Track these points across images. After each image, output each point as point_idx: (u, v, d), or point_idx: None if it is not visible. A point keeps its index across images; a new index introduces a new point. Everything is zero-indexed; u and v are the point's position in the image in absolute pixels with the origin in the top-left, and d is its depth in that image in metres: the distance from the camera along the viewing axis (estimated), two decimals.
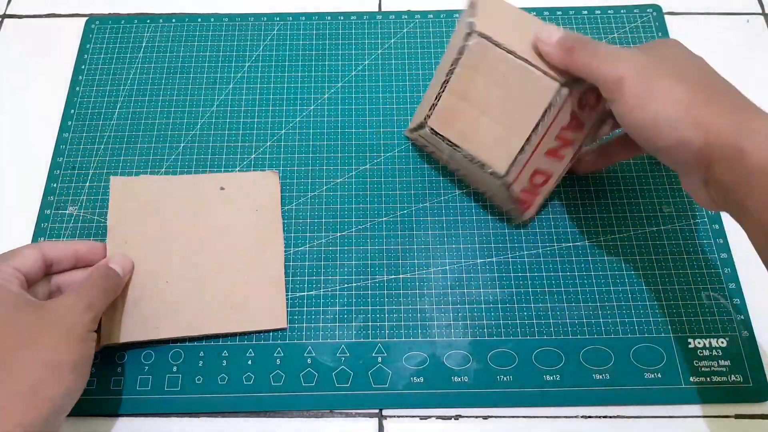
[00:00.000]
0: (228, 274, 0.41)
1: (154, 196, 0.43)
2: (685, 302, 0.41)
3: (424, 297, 0.42)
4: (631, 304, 0.41)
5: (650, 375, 0.39)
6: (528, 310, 0.41)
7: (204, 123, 0.48)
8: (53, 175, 0.46)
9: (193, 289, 0.40)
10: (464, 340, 0.40)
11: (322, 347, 0.40)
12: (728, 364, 0.39)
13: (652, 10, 0.53)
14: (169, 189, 0.43)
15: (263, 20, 0.53)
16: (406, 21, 0.53)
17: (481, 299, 0.41)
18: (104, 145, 0.47)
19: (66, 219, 0.45)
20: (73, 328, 0.34)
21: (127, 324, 0.39)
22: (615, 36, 0.51)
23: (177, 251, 0.41)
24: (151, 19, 0.53)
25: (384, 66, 0.50)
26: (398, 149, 0.47)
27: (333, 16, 0.53)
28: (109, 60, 0.51)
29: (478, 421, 0.38)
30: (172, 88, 0.50)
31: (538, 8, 0.53)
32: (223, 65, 0.51)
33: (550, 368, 0.39)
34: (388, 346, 0.40)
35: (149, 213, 0.42)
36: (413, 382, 0.39)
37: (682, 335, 0.40)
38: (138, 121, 0.48)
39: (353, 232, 0.44)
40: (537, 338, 0.40)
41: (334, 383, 0.39)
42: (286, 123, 0.48)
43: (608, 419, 0.38)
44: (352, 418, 0.38)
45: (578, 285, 0.42)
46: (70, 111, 0.49)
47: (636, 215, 0.44)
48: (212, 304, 0.40)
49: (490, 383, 0.39)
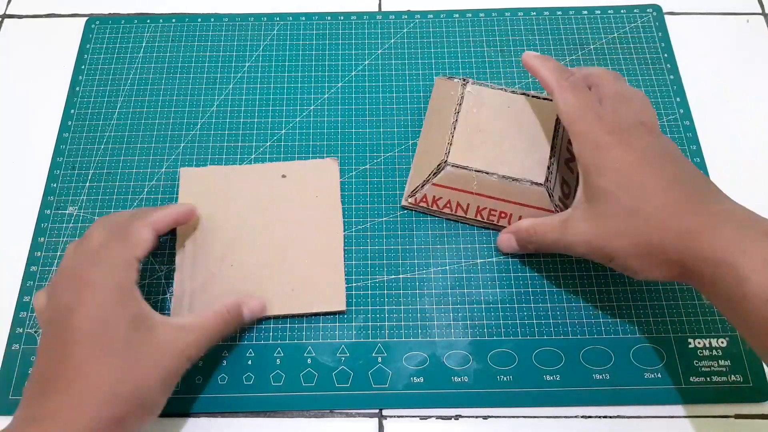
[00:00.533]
0: (290, 258, 0.42)
1: (219, 185, 0.45)
2: (685, 302, 0.41)
3: (424, 297, 0.42)
4: (631, 304, 0.41)
5: (650, 375, 0.39)
6: (528, 310, 0.41)
7: (204, 123, 0.48)
8: (53, 175, 0.46)
9: (257, 273, 0.41)
10: (464, 340, 0.40)
11: (322, 347, 0.40)
12: (728, 364, 0.39)
13: (652, 10, 0.53)
14: (233, 178, 0.45)
15: (263, 20, 0.53)
16: (406, 21, 0.53)
17: (481, 299, 0.41)
18: (104, 145, 0.47)
19: (66, 219, 0.45)
20: (177, 371, 0.34)
21: (195, 306, 0.40)
22: (615, 36, 0.51)
23: (241, 237, 0.42)
24: (151, 19, 0.53)
25: (384, 66, 0.50)
26: (398, 149, 0.47)
27: (333, 16, 0.53)
28: (109, 60, 0.51)
29: (478, 421, 0.38)
30: (172, 88, 0.50)
31: (538, 8, 0.53)
32: (223, 65, 0.51)
33: (550, 368, 0.39)
34: (388, 346, 0.40)
35: (215, 201, 0.44)
36: (413, 382, 0.39)
37: (682, 335, 0.40)
38: (138, 121, 0.48)
39: (353, 232, 0.44)
40: (537, 338, 0.40)
41: (334, 383, 0.39)
42: (286, 123, 0.48)
43: (608, 419, 0.38)
44: (352, 418, 0.38)
45: (578, 285, 0.42)
46: (70, 111, 0.49)
47: None
48: (275, 288, 0.41)
49: (490, 383, 0.39)
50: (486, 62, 0.50)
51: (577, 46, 0.51)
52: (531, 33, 0.52)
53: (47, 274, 0.43)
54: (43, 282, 0.42)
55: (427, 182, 0.42)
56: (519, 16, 0.53)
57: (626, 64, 0.50)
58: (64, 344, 0.31)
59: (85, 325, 0.32)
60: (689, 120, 0.48)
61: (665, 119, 0.48)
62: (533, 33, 0.52)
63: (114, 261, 0.34)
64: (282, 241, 0.42)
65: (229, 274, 0.41)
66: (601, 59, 0.50)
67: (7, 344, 0.40)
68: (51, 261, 0.43)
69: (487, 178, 0.41)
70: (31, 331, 0.41)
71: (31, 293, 0.42)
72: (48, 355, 0.32)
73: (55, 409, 0.30)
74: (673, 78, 0.49)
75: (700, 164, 0.46)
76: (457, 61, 0.50)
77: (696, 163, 0.46)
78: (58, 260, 0.43)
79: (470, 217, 0.43)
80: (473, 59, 0.50)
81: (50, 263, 0.43)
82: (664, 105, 0.48)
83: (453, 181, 0.41)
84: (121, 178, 0.46)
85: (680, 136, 0.47)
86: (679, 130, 0.47)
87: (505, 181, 0.41)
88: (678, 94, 0.49)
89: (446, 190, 0.42)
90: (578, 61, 0.50)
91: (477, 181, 0.41)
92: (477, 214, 0.42)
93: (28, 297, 0.42)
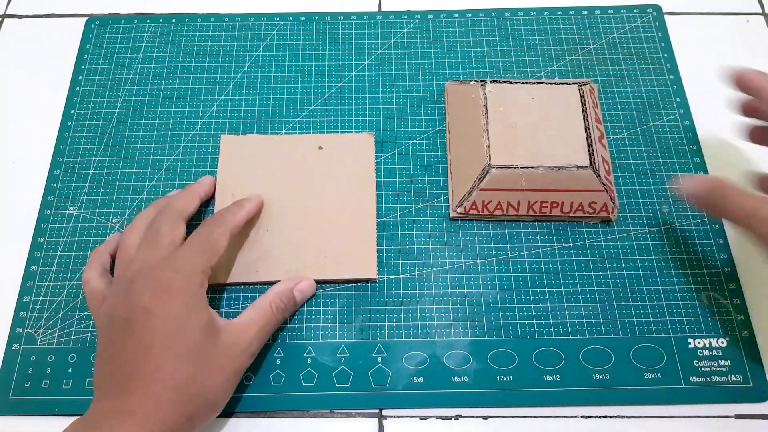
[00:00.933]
0: (324, 226, 0.43)
1: (258, 153, 0.46)
2: (685, 302, 0.41)
3: (424, 297, 0.42)
4: (631, 304, 0.41)
5: (650, 375, 0.39)
6: (528, 310, 0.41)
7: (204, 123, 0.48)
8: (53, 175, 0.46)
9: (291, 239, 0.43)
10: (464, 340, 0.40)
11: (322, 347, 0.40)
12: (728, 364, 0.39)
13: (652, 10, 0.53)
14: (272, 147, 0.46)
15: (263, 20, 0.53)
16: (406, 21, 0.53)
17: (481, 299, 0.41)
18: (104, 145, 0.47)
19: (66, 219, 0.45)
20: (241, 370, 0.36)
21: (231, 268, 0.42)
22: (615, 36, 0.51)
23: (278, 204, 0.44)
24: (151, 19, 0.53)
25: (384, 66, 0.50)
26: (398, 149, 0.47)
27: (333, 16, 0.53)
28: (109, 60, 0.51)
29: (478, 421, 0.38)
30: (172, 88, 0.50)
31: (538, 8, 0.53)
32: (223, 65, 0.51)
33: (550, 368, 0.39)
34: (388, 346, 0.40)
35: (254, 168, 0.45)
36: (413, 382, 0.39)
37: (682, 335, 0.40)
38: (138, 121, 0.48)
39: None
40: (537, 338, 0.40)
41: (334, 383, 0.39)
42: (286, 123, 0.48)
43: (608, 419, 0.38)
44: (352, 418, 0.38)
45: (578, 285, 0.42)
46: (70, 111, 0.49)
47: (636, 215, 0.44)
48: (308, 253, 0.42)
49: (490, 383, 0.39)
50: (486, 62, 0.50)
51: (577, 46, 0.51)
52: (531, 33, 0.52)
53: (47, 274, 0.43)
54: (43, 282, 0.42)
55: (473, 189, 0.42)
56: (519, 16, 0.53)
57: (626, 64, 0.50)
58: (142, 345, 0.33)
59: (163, 329, 0.34)
60: (689, 120, 0.48)
61: (665, 119, 0.48)
62: (533, 33, 0.52)
63: (193, 270, 0.36)
64: (317, 210, 0.43)
65: (264, 239, 0.42)
66: (601, 59, 0.50)
67: (7, 344, 0.40)
68: (51, 261, 0.43)
69: (533, 171, 0.41)
70: (31, 331, 0.41)
71: (31, 293, 0.42)
72: (125, 352, 0.34)
73: (135, 404, 0.32)
74: (673, 78, 0.49)
75: (700, 164, 0.46)
76: (456, 61, 0.50)
77: (696, 163, 0.46)
78: (58, 260, 0.43)
79: (522, 214, 0.43)
80: (473, 59, 0.50)
81: (50, 263, 0.43)
82: (664, 105, 0.48)
83: (500, 182, 0.41)
84: (121, 178, 0.46)
85: (680, 136, 0.47)
86: (679, 130, 0.47)
87: (552, 171, 0.41)
88: (678, 94, 0.49)
89: (495, 193, 0.42)
90: (578, 61, 0.50)
91: (524, 178, 0.41)
92: (529, 209, 0.43)
93: (28, 297, 0.42)
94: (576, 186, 0.41)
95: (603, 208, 0.42)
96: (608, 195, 0.42)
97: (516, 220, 0.43)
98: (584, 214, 0.43)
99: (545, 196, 0.42)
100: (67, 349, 0.40)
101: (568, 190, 0.42)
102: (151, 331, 0.33)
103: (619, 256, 0.43)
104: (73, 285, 0.42)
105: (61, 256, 0.43)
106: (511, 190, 0.42)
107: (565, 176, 0.41)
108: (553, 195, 0.42)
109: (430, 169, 0.46)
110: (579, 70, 0.50)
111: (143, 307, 0.34)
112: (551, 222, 0.43)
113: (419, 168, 0.46)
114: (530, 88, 0.44)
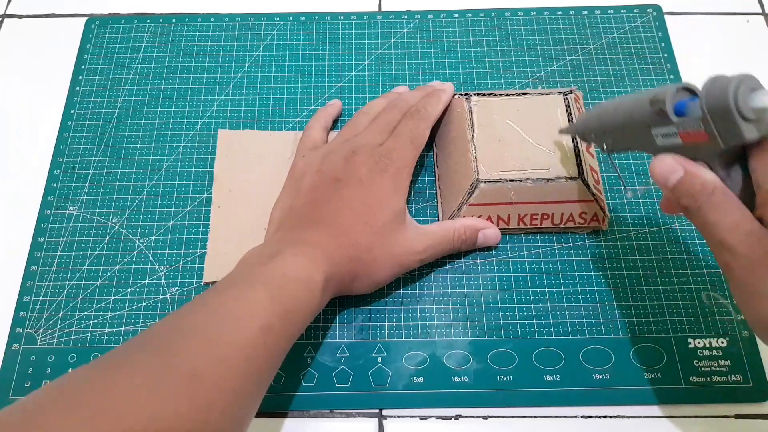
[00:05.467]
0: None
1: (256, 149, 0.46)
2: (685, 302, 0.41)
3: (424, 297, 0.42)
4: (631, 304, 0.41)
5: (650, 375, 0.39)
6: (528, 310, 0.41)
7: (204, 123, 0.48)
8: (53, 175, 0.46)
9: None
10: (464, 340, 0.40)
11: (322, 347, 0.40)
12: (728, 364, 0.39)
13: (652, 10, 0.53)
14: (270, 142, 0.46)
15: (263, 20, 0.53)
16: (406, 21, 0.53)
17: (481, 299, 0.41)
18: (104, 145, 0.47)
19: (66, 219, 0.45)
20: (407, 267, 0.40)
21: (229, 265, 0.40)
22: (615, 36, 0.51)
23: (274, 199, 0.43)
24: (151, 19, 0.53)
25: (384, 66, 0.50)
26: None
27: (333, 16, 0.53)
28: (109, 60, 0.51)
29: (478, 421, 0.38)
30: (172, 88, 0.50)
31: (538, 8, 0.53)
32: (223, 65, 0.51)
33: (550, 368, 0.39)
34: (388, 346, 0.40)
35: (251, 163, 0.45)
36: (413, 382, 0.39)
37: (682, 335, 0.40)
38: (138, 121, 0.48)
39: None
40: (537, 338, 0.40)
41: (334, 383, 0.39)
42: (286, 123, 0.48)
43: (608, 419, 0.38)
44: (352, 418, 0.38)
45: (578, 285, 0.42)
46: (70, 111, 0.49)
47: (635, 215, 0.44)
48: None
49: (490, 383, 0.39)
50: (486, 62, 0.50)
51: (577, 46, 0.51)
52: (531, 33, 0.52)
53: (47, 274, 0.43)
54: (43, 282, 0.42)
55: (462, 204, 0.42)
56: (519, 16, 0.53)
57: (626, 64, 0.50)
58: (343, 204, 0.38)
59: (365, 201, 0.38)
60: None
61: None
62: (533, 33, 0.52)
63: (405, 163, 0.40)
64: None
65: (262, 234, 0.42)
66: (601, 59, 0.50)
67: (7, 344, 0.40)
68: (51, 261, 0.43)
69: (522, 185, 0.41)
70: (31, 331, 0.41)
71: (31, 293, 0.42)
72: (327, 204, 0.38)
73: (322, 240, 0.36)
74: (673, 78, 0.49)
75: None
76: (457, 61, 0.50)
77: None
78: (58, 260, 0.43)
79: (513, 227, 0.43)
80: (473, 59, 0.50)
81: (50, 263, 0.43)
82: None
83: (489, 196, 0.41)
84: (121, 178, 0.46)
85: None
86: None
87: (540, 183, 0.41)
88: None
89: (484, 207, 0.42)
90: (578, 61, 0.50)
91: (513, 191, 0.41)
92: (519, 222, 0.42)
93: (28, 297, 0.42)
94: (566, 197, 0.41)
95: (594, 218, 0.42)
96: (598, 205, 0.42)
97: (507, 233, 0.43)
98: (575, 224, 0.42)
99: (535, 209, 0.42)
100: (67, 349, 0.40)
101: (558, 201, 0.41)
102: (356, 198, 0.38)
103: (619, 256, 0.43)
104: (73, 285, 0.42)
105: (61, 256, 0.43)
106: (500, 204, 0.42)
107: (553, 188, 0.41)
108: (543, 207, 0.42)
109: (430, 168, 0.46)
110: (579, 70, 0.50)
111: (358, 178, 0.38)
112: (542, 234, 0.43)
113: (418, 168, 0.46)
114: (515, 99, 0.44)
